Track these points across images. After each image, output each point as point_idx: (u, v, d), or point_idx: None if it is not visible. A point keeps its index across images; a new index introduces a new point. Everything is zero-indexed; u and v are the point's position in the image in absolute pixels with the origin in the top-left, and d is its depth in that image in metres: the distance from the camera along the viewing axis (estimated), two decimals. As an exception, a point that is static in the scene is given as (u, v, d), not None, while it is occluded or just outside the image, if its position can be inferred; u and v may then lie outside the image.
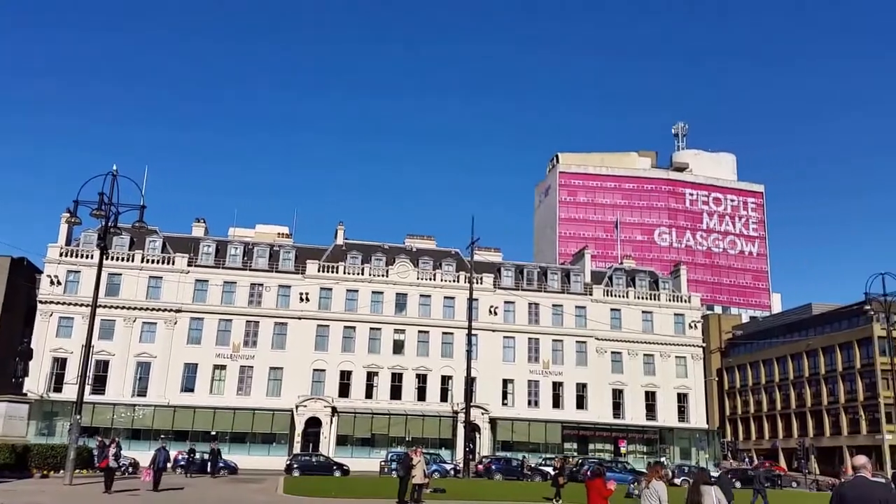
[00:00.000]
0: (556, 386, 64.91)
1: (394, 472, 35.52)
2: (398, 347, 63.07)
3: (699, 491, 12.17)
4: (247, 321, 61.40)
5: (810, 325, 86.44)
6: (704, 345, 74.24)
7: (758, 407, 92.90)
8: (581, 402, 64.95)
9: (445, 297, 64.79)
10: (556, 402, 64.49)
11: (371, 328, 62.83)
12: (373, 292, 63.70)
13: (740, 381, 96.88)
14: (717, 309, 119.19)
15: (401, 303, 63.98)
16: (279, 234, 72.67)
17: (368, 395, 61.54)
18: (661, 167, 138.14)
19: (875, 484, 7.97)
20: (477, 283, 61.84)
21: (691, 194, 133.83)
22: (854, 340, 77.32)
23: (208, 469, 39.93)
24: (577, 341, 66.05)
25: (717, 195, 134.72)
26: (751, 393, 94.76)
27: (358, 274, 64.13)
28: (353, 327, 62.60)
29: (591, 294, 67.62)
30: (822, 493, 48.99)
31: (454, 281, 65.21)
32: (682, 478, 48.29)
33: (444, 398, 62.12)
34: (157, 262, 61.69)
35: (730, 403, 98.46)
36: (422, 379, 62.67)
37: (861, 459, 8.47)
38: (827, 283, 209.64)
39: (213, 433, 54.24)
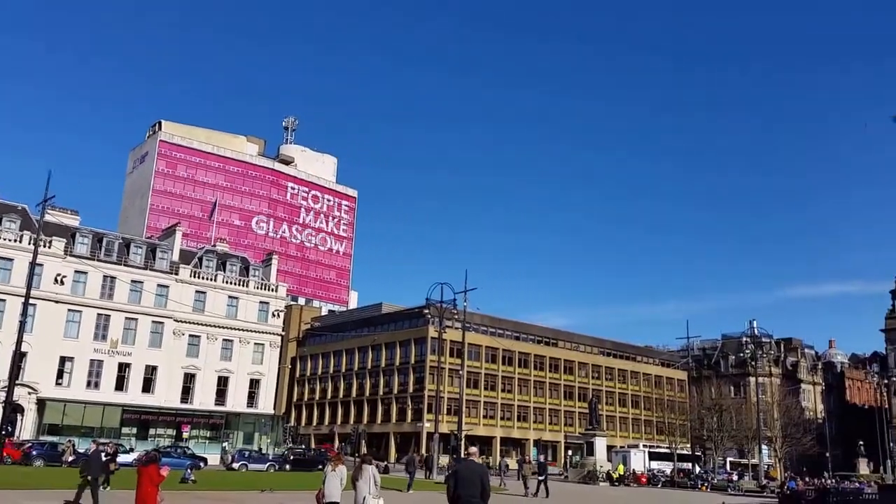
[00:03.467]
0: (123, 367, 60.61)
1: None
2: (-75, 312, 52.23)
3: (361, 469, 15.78)
4: None
5: (379, 323, 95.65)
6: (284, 333, 76.90)
7: (323, 394, 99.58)
8: (148, 386, 61.70)
9: (2, 258, 55.87)
10: (121, 385, 60.21)
11: None
12: None
13: (311, 370, 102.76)
14: (301, 300, 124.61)
15: (-63, 259, 53.14)
16: None
17: None
18: (269, 156, 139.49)
19: (478, 464, 11.64)
20: (45, 246, 54.61)
21: (293, 188, 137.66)
22: (412, 339, 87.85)
23: None
24: (154, 321, 62.60)
25: (316, 193, 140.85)
26: (319, 381, 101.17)
27: None
28: None
29: (177, 273, 64.77)
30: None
31: (16, 241, 56.57)
32: (241, 462, 49.23)
33: (-19, 374, 53.21)
34: None
35: (299, 390, 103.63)
36: (-46, 351, 52.86)
37: (473, 448, 12.38)
38: (398, 285, 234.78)
39: None
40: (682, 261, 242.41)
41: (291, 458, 54.73)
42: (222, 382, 65.97)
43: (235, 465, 48.61)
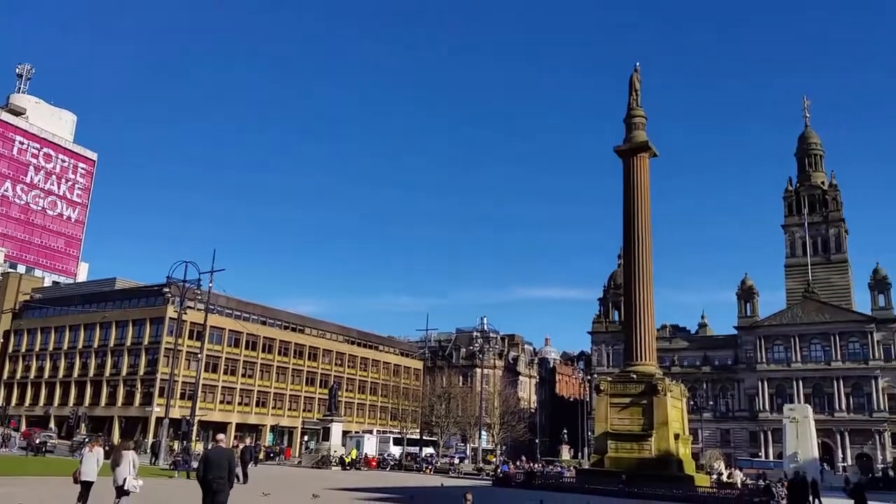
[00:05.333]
0: None
1: None
2: None
3: (121, 454, 16.61)
4: None
5: (111, 299, 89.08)
6: (-4, 304, 68.97)
7: (39, 373, 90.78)
8: None
9: None
10: None
11: None
12: None
13: (27, 346, 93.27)
14: (21, 268, 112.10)
15: None
16: None
17: None
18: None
19: (227, 450, 13.31)
20: None
21: (22, 143, 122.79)
22: (148, 318, 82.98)
23: None
24: None
25: (49, 151, 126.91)
26: (35, 358, 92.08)
27: None
28: None
29: None
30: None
31: None
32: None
33: None
34: None
35: (11, 367, 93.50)
36: None
37: (221, 436, 13.89)
38: (138, 260, 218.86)
39: None
40: (432, 255, 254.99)
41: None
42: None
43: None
